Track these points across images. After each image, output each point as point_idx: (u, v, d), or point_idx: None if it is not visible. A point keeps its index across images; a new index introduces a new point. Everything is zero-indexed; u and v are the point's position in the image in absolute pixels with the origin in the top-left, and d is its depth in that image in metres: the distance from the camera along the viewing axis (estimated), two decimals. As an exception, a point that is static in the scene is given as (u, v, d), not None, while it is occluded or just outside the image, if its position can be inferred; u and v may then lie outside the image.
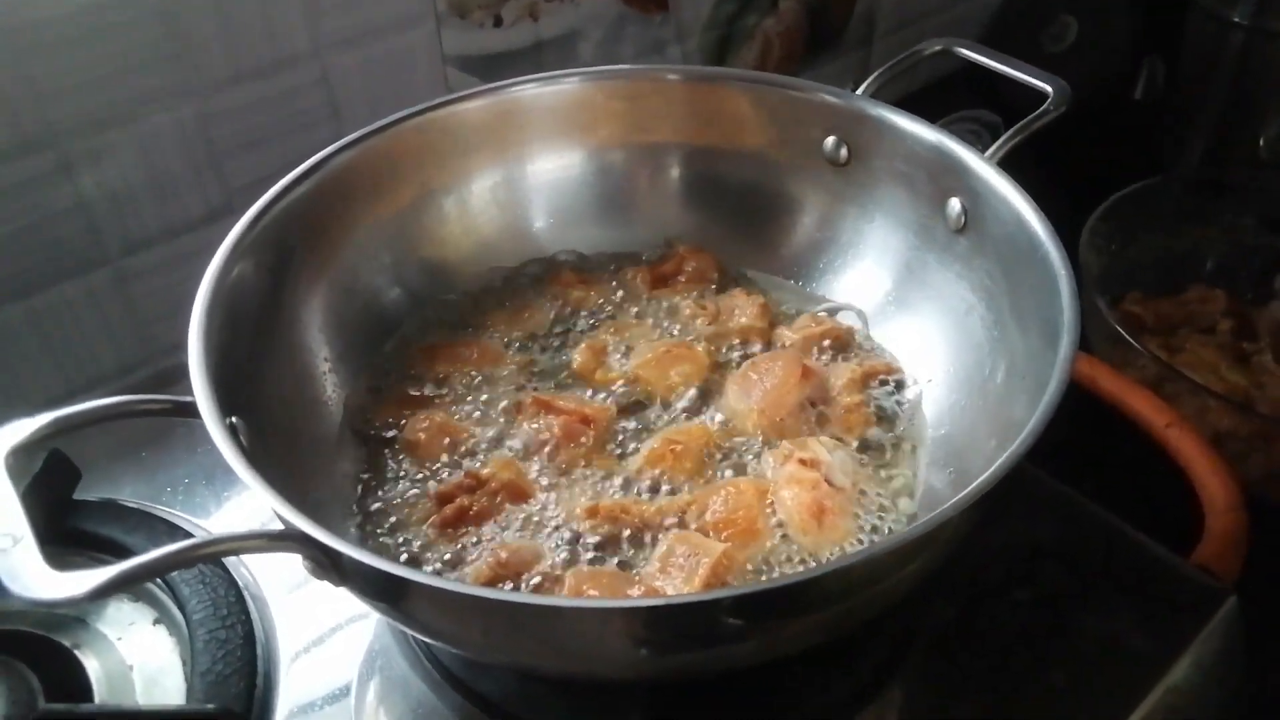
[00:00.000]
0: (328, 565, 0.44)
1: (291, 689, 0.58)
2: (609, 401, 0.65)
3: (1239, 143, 1.13)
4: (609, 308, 0.72)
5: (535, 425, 0.62)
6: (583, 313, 0.72)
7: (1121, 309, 0.93)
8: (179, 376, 0.72)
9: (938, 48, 0.68)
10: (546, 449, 0.62)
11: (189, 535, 0.63)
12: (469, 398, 0.66)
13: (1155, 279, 0.97)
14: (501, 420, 0.64)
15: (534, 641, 0.45)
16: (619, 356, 0.68)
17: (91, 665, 0.59)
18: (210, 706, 0.52)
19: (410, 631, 0.51)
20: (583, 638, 0.44)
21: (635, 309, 0.72)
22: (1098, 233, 0.90)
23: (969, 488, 0.45)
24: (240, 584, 0.61)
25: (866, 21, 1.16)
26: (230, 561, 0.62)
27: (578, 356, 0.67)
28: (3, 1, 0.65)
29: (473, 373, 0.67)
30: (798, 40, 1.10)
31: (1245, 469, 0.75)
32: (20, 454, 0.45)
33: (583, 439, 0.62)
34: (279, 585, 0.63)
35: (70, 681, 0.58)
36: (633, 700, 0.53)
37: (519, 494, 0.59)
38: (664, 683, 0.52)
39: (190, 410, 0.48)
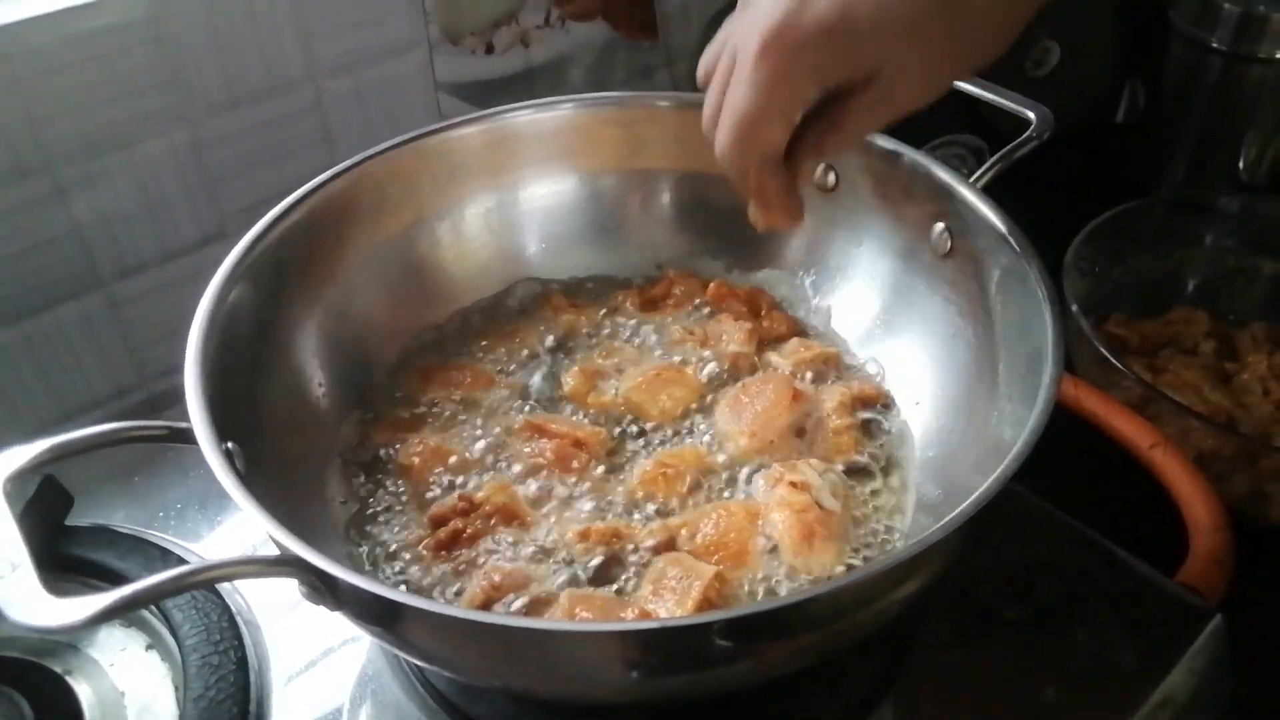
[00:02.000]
0: (324, 590, 0.44)
1: (284, 714, 0.58)
2: (601, 424, 0.66)
3: (1219, 166, 1.15)
4: (600, 331, 0.73)
5: (528, 449, 0.63)
6: (574, 336, 0.72)
7: (1105, 330, 0.93)
8: (173, 400, 0.72)
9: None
10: (540, 472, 0.62)
11: (182, 560, 0.63)
12: (463, 421, 0.66)
13: (1139, 300, 0.97)
14: (495, 444, 0.64)
15: (528, 665, 0.45)
16: (611, 380, 0.68)
17: (83, 691, 0.59)
18: (204, 733, 0.52)
19: (405, 656, 0.51)
20: (575, 661, 0.44)
21: (626, 333, 0.73)
22: (1081, 255, 0.91)
23: (956, 510, 0.45)
24: (233, 609, 0.61)
25: (853, 47, 1.18)
26: (224, 586, 0.62)
27: (570, 380, 0.68)
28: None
29: (466, 396, 0.68)
30: (785, 65, 1.12)
31: (1229, 488, 0.75)
32: (15, 481, 0.45)
33: (575, 463, 0.62)
34: (272, 610, 0.63)
35: (62, 708, 0.58)
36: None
37: (512, 517, 0.59)
38: (658, 706, 0.52)
39: (187, 436, 0.48)
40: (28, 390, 0.76)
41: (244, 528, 0.68)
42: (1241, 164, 1.15)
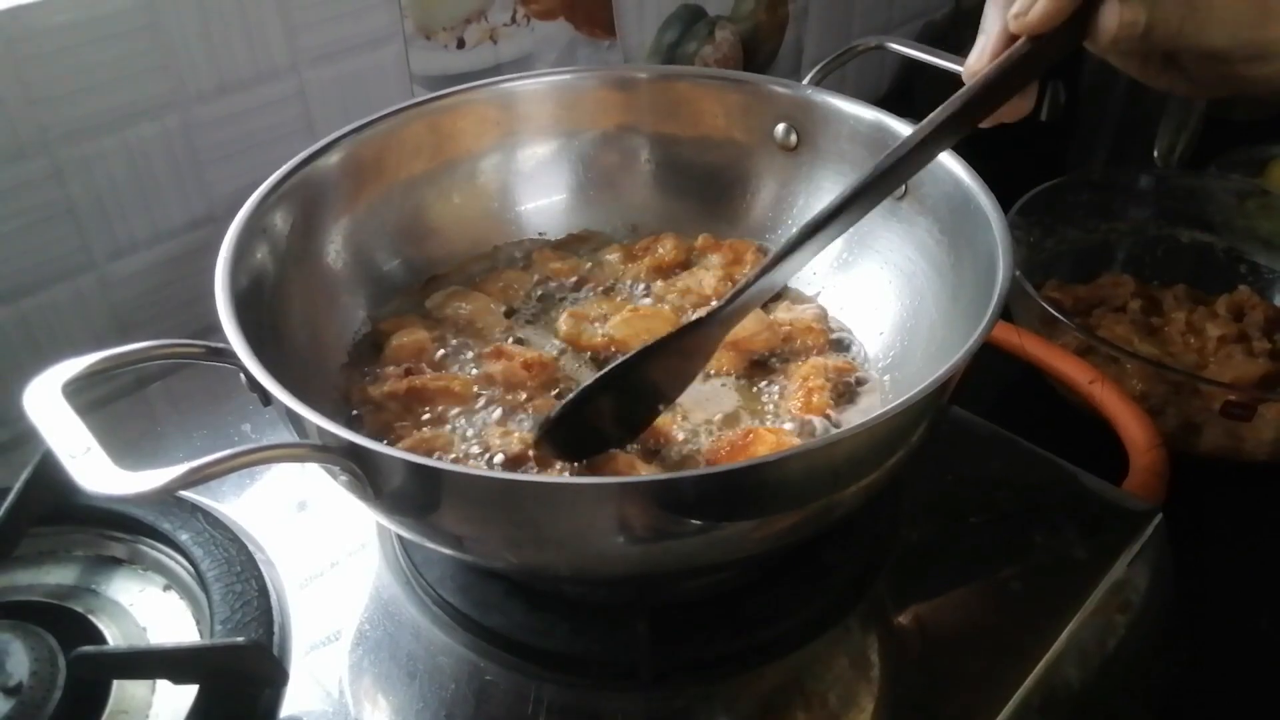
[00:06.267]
0: (362, 478, 0.47)
1: (305, 632, 0.61)
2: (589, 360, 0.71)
3: (1135, 155, 1.24)
4: (587, 282, 0.77)
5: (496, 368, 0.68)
6: (563, 285, 0.77)
7: (1042, 294, 1.01)
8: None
9: (871, 44, 0.76)
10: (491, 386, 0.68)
11: (211, 515, 0.66)
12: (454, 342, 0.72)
13: (1070, 270, 1.06)
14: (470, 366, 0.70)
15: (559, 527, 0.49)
16: (599, 323, 0.72)
17: (108, 628, 0.61)
18: (240, 640, 0.55)
19: (433, 544, 0.54)
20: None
21: (610, 283, 0.77)
22: (1017, 226, 0.99)
23: (911, 391, 0.49)
24: (249, 546, 0.64)
25: (795, 52, 1.26)
26: (235, 525, 0.66)
27: (563, 326, 0.73)
28: (4, 11, 0.69)
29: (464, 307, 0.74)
30: (733, 67, 1.19)
31: (1161, 424, 0.82)
32: (70, 386, 0.48)
33: (529, 384, 0.67)
34: (281, 540, 0.66)
35: (88, 642, 0.59)
36: (634, 615, 0.57)
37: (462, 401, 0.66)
38: (653, 575, 0.56)
39: (223, 354, 0.52)
40: (22, 369, 0.77)
41: (257, 485, 0.71)
42: (1156, 152, 1.25)
